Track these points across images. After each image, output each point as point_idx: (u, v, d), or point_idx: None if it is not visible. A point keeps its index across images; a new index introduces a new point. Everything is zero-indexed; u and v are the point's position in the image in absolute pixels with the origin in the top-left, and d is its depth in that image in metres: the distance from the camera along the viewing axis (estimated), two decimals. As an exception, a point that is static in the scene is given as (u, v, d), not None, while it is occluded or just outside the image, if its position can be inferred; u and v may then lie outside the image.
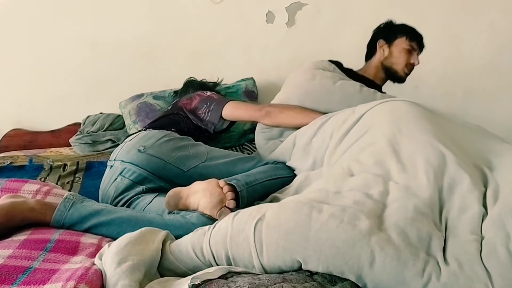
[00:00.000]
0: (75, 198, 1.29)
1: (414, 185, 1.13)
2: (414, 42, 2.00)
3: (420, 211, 1.05)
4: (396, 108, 1.42)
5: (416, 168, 1.17)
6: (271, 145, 1.84)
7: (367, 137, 1.36)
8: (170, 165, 1.57)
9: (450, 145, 1.24)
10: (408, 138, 1.27)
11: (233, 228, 1.05)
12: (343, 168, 1.27)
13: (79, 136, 2.35)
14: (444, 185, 1.13)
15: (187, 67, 2.51)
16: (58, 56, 2.48)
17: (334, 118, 1.61)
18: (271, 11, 2.64)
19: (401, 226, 1.00)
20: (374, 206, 1.06)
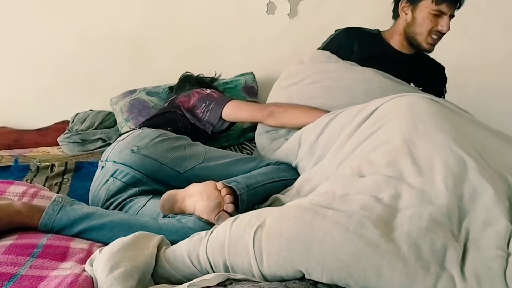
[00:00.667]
0: (64, 201, 1.30)
1: (430, 190, 1.10)
2: (444, 5, 1.80)
3: (436, 220, 1.03)
4: (413, 104, 1.38)
5: (433, 172, 1.15)
6: (274, 144, 1.85)
7: (381, 133, 1.33)
8: (165, 166, 1.57)
9: (471, 150, 1.21)
10: (425, 139, 1.24)
11: (231, 235, 1.05)
12: (352, 168, 1.25)
13: (68, 134, 2.36)
14: (465, 193, 1.11)
15: (182, 61, 2.52)
16: (44, 49, 2.48)
17: (344, 113, 1.59)
18: (272, 1, 2.65)
19: (414, 237, 0.98)
20: (384, 212, 1.04)
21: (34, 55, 2.48)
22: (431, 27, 1.84)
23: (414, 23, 1.87)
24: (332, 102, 1.76)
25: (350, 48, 1.96)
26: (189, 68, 2.34)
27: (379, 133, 1.34)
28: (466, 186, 1.11)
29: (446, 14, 1.82)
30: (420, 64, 2.00)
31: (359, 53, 1.95)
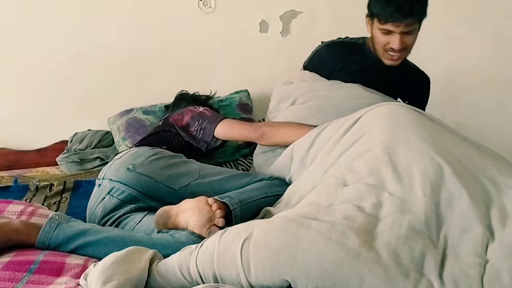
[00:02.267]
0: (61, 218, 1.34)
1: (409, 198, 1.15)
2: (389, 24, 1.75)
3: (415, 228, 1.08)
4: (394, 113, 1.44)
5: (412, 179, 1.19)
6: (270, 161, 1.89)
7: (363, 142, 1.38)
8: (160, 184, 1.62)
9: (448, 156, 1.26)
10: (405, 146, 1.29)
11: (220, 248, 1.10)
12: (337, 177, 1.30)
13: (66, 154, 2.40)
14: (441, 199, 1.16)
15: (178, 80, 2.57)
16: (43, 71, 2.52)
17: (331, 125, 1.65)
18: (264, 20, 2.70)
19: (393, 244, 1.03)
20: (366, 221, 1.09)
21: (33, 77, 2.53)
22: (384, 44, 1.82)
23: (373, 39, 1.88)
24: (323, 121, 1.79)
25: (332, 63, 2.00)
26: (184, 86, 2.38)
27: (362, 141, 1.39)
28: (443, 192, 1.16)
29: (395, 32, 1.77)
30: (404, 71, 1.99)
31: (343, 68, 1.99)
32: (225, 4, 2.63)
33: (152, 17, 2.59)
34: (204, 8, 2.62)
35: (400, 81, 1.97)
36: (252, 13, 2.69)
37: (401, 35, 1.78)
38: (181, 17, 2.62)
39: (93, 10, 2.52)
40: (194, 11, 2.61)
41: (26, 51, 2.50)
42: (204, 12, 2.63)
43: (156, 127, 2.06)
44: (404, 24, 1.75)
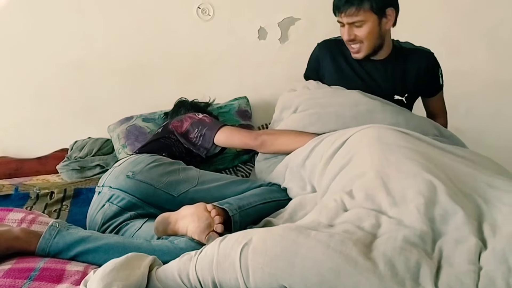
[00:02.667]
0: (61, 226, 1.35)
1: (405, 218, 1.19)
2: (338, 16, 1.86)
3: (410, 241, 1.10)
4: (382, 136, 1.49)
5: (406, 200, 1.23)
6: (271, 167, 1.91)
7: (354, 166, 1.44)
8: (159, 190, 1.63)
9: (440, 174, 1.31)
10: (396, 169, 1.33)
11: (219, 254, 1.11)
12: (336, 201, 1.33)
13: (67, 162, 2.41)
14: (436, 216, 1.19)
15: (177, 87, 2.58)
16: (43, 80, 2.54)
17: (326, 139, 1.69)
18: (263, 27, 2.72)
19: (389, 255, 1.05)
20: (364, 236, 1.12)
21: (33, 86, 2.55)
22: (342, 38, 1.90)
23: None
24: (324, 129, 1.83)
25: (323, 60, 2.05)
26: (184, 93, 2.40)
27: (353, 165, 1.44)
28: (437, 209, 1.20)
29: (344, 23, 1.84)
30: (394, 62, 1.97)
31: (329, 65, 2.03)
32: (223, 11, 2.66)
33: (152, 25, 2.62)
34: (203, 16, 2.64)
35: (393, 75, 1.96)
36: (251, 20, 2.71)
37: (349, 26, 1.83)
38: (180, 25, 2.64)
39: (93, 18, 2.55)
40: (193, 19, 2.64)
41: (26, 59, 2.52)
42: (202, 20, 2.65)
43: (155, 134, 2.08)
44: (346, 15, 1.81)
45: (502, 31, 2.90)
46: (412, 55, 1.98)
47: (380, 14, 1.82)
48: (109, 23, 2.57)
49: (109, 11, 2.55)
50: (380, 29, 1.85)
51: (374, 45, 1.89)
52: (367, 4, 1.78)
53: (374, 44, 1.88)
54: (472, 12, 2.87)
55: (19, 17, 2.47)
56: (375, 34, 1.85)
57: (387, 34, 1.91)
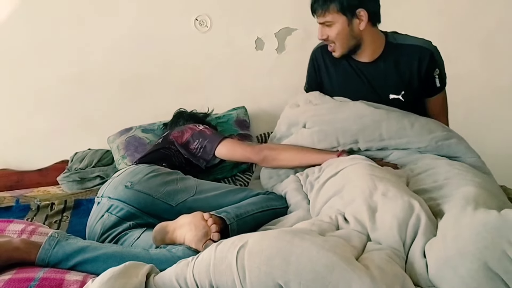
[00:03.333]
0: (60, 236, 1.37)
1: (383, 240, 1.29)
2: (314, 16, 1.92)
3: (392, 258, 1.18)
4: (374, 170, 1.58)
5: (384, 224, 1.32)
6: (282, 175, 1.95)
7: (347, 193, 1.51)
8: (158, 200, 1.65)
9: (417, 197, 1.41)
10: (382, 195, 1.40)
11: (216, 257, 1.13)
12: (332, 218, 1.41)
13: (67, 173, 2.43)
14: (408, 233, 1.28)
15: (176, 98, 2.62)
16: (43, 92, 2.57)
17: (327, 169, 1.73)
18: (260, 38, 2.76)
19: (378, 263, 1.11)
20: (353, 249, 1.20)
21: (33, 98, 2.58)
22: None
23: None
24: (332, 145, 1.87)
25: (322, 67, 2.08)
26: (182, 104, 2.42)
27: (346, 192, 1.51)
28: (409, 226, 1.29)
29: (319, 23, 1.90)
30: (387, 63, 1.95)
31: (324, 72, 2.07)
32: (220, 23, 2.69)
33: (150, 37, 2.65)
34: (201, 28, 2.68)
35: (385, 74, 1.95)
36: (248, 31, 2.74)
37: (321, 26, 1.90)
38: (178, 37, 2.67)
39: (92, 31, 2.58)
40: (190, 30, 2.67)
41: (26, 72, 2.55)
42: (200, 31, 2.68)
43: (156, 145, 2.09)
44: (317, 15, 1.89)
45: (497, 37, 2.94)
46: (406, 50, 1.94)
47: (350, 15, 1.84)
48: (108, 35, 2.60)
49: (108, 24, 2.59)
50: (351, 30, 1.86)
51: (348, 45, 1.90)
52: (333, 5, 1.82)
53: (348, 44, 1.90)
54: (467, 19, 2.91)
55: (19, 30, 2.50)
56: (346, 35, 1.87)
57: (365, 34, 1.89)
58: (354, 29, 1.86)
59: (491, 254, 1.05)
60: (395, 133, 1.81)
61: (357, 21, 1.85)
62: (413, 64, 1.92)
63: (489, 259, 1.05)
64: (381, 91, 1.95)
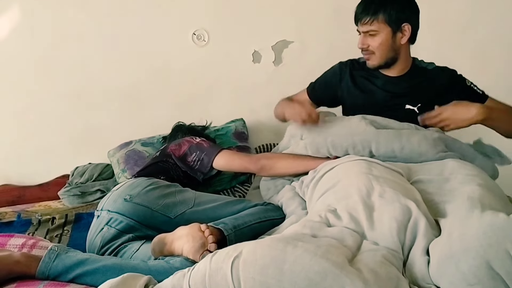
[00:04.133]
0: (60, 249, 1.40)
1: (380, 241, 1.30)
2: (357, 25, 1.95)
3: (388, 258, 1.19)
4: (372, 168, 1.59)
5: (382, 225, 1.33)
6: (279, 186, 1.97)
7: (341, 188, 1.53)
8: (156, 213, 1.68)
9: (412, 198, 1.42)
10: (379, 196, 1.42)
11: (211, 268, 1.15)
12: (321, 217, 1.41)
13: (68, 188, 2.45)
14: (407, 236, 1.29)
15: (175, 111, 2.66)
16: (43, 108, 2.60)
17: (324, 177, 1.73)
18: (257, 51, 2.79)
19: (371, 266, 1.12)
20: (347, 251, 1.20)
21: (34, 114, 2.61)
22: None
23: None
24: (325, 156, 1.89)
25: (340, 77, 2.11)
26: (181, 117, 2.45)
27: (340, 187, 1.53)
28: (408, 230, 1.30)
29: (360, 31, 1.93)
30: (411, 80, 2.00)
31: (347, 83, 2.09)
32: (218, 37, 2.73)
33: (148, 52, 2.68)
34: (198, 42, 2.71)
35: (407, 88, 1.99)
36: (245, 44, 2.78)
37: (363, 35, 1.92)
38: (176, 51, 2.71)
39: (91, 46, 2.61)
40: (188, 45, 2.70)
41: (26, 88, 2.58)
42: (198, 45, 2.72)
43: (153, 158, 2.11)
44: (361, 23, 1.90)
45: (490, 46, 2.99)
46: (430, 73, 2.01)
47: (395, 28, 1.88)
48: (106, 51, 2.63)
49: (107, 39, 2.62)
50: (393, 43, 1.90)
51: (386, 57, 1.94)
52: (382, 15, 1.86)
53: (386, 56, 1.93)
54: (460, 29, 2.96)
55: (19, 47, 2.54)
56: (387, 47, 1.91)
57: (402, 49, 1.94)
58: (396, 42, 1.91)
59: (494, 253, 1.06)
60: (383, 155, 1.80)
61: (400, 35, 1.90)
62: (435, 82, 1.98)
63: (492, 258, 1.06)
64: (398, 100, 1.98)
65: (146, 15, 2.64)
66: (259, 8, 2.75)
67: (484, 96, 2.00)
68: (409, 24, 1.89)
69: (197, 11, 2.69)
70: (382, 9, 1.86)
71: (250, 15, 2.76)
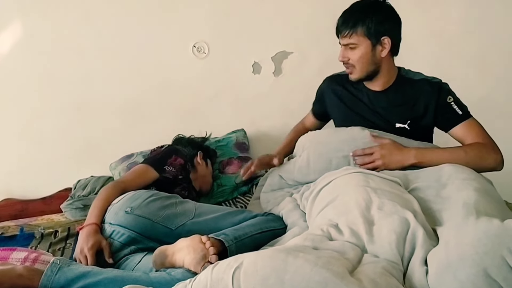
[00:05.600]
0: (62, 262, 1.41)
1: (380, 253, 1.31)
2: (339, 37, 1.92)
3: (388, 270, 1.20)
4: (369, 180, 1.60)
5: (381, 238, 1.34)
6: (278, 198, 1.98)
7: (341, 202, 1.54)
8: (157, 224, 1.69)
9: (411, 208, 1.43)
10: (378, 208, 1.43)
11: (212, 279, 1.16)
12: (323, 231, 1.43)
13: (70, 201, 2.46)
14: (406, 248, 1.30)
15: (176, 123, 2.68)
16: (45, 122, 2.62)
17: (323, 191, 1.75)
18: (257, 62, 2.82)
19: (372, 276, 1.13)
20: (348, 262, 1.21)
21: (36, 128, 2.63)
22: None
23: None
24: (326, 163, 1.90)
25: (329, 95, 2.13)
26: (182, 130, 2.48)
27: (340, 202, 1.54)
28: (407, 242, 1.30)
29: (343, 44, 1.91)
30: (396, 94, 1.97)
31: (332, 100, 2.11)
32: (218, 49, 2.75)
33: (149, 64, 2.71)
34: (198, 54, 2.74)
35: (394, 104, 1.97)
36: (245, 56, 2.80)
37: (344, 48, 1.91)
38: (177, 64, 2.73)
39: (92, 59, 2.64)
40: (188, 57, 2.73)
41: (28, 102, 2.60)
42: (198, 57, 2.74)
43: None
44: (342, 36, 1.89)
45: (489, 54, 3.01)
46: (416, 84, 1.95)
47: (375, 41, 1.86)
48: (107, 64, 2.66)
49: (108, 52, 2.65)
50: (373, 56, 1.88)
51: (367, 70, 1.91)
52: (361, 28, 1.84)
53: (367, 69, 1.91)
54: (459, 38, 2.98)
55: (20, 61, 2.57)
56: (367, 60, 1.88)
57: (383, 62, 1.91)
58: (376, 55, 1.88)
59: (490, 261, 1.07)
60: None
61: (380, 48, 1.87)
62: (421, 95, 1.93)
63: (489, 266, 1.07)
64: (387, 119, 1.97)
65: (146, 28, 2.67)
66: (259, 19, 2.79)
67: (463, 117, 1.89)
68: (389, 37, 1.86)
69: (197, 23, 2.71)
70: (360, 22, 1.84)
71: (249, 26, 2.79)
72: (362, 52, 1.87)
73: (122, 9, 2.64)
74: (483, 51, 3.00)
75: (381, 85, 1.97)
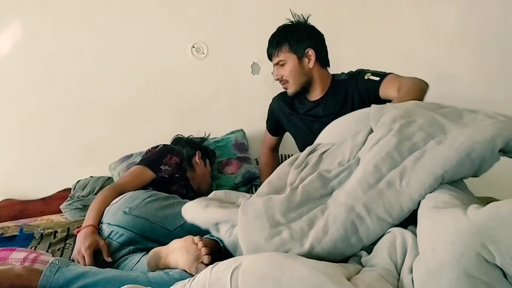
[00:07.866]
0: (61, 262, 1.42)
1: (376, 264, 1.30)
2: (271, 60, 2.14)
3: (385, 277, 1.20)
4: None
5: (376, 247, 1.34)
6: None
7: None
8: (156, 225, 1.70)
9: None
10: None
11: (211, 278, 1.17)
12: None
13: (70, 201, 2.47)
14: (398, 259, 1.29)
15: (175, 123, 2.70)
16: (45, 122, 2.64)
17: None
18: (256, 63, 2.83)
19: (368, 281, 1.14)
20: (345, 270, 1.22)
21: (35, 128, 2.65)
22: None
23: None
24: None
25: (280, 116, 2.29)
26: (181, 130, 2.49)
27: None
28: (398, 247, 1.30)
29: (274, 64, 2.13)
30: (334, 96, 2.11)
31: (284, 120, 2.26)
32: (217, 50, 2.78)
33: (148, 65, 2.73)
34: (197, 55, 2.76)
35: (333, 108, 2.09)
36: (243, 57, 2.82)
37: (276, 67, 2.13)
38: (176, 65, 2.75)
39: (91, 60, 2.66)
40: (187, 58, 2.76)
41: (27, 103, 2.63)
42: (197, 58, 2.76)
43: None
44: (272, 56, 2.12)
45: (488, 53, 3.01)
46: (343, 83, 2.12)
47: (300, 54, 2.06)
48: (107, 65, 2.68)
49: (107, 53, 2.68)
50: (302, 68, 2.07)
51: (300, 82, 2.10)
52: (285, 46, 2.06)
53: (299, 81, 2.10)
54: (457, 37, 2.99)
55: (20, 62, 2.59)
56: (297, 72, 2.08)
57: (314, 72, 2.09)
58: (304, 67, 2.08)
59: (467, 261, 1.07)
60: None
61: (307, 60, 2.05)
62: (349, 89, 2.07)
63: (468, 266, 1.07)
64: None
65: (145, 29, 2.69)
66: (257, 20, 2.80)
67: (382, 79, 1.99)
68: (312, 49, 2.05)
69: (196, 24, 2.73)
70: (283, 40, 2.07)
71: (248, 27, 2.80)
72: (291, 66, 2.08)
73: (122, 10, 2.66)
74: (482, 51, 3.00)
75: (319, 93, 2.14)
